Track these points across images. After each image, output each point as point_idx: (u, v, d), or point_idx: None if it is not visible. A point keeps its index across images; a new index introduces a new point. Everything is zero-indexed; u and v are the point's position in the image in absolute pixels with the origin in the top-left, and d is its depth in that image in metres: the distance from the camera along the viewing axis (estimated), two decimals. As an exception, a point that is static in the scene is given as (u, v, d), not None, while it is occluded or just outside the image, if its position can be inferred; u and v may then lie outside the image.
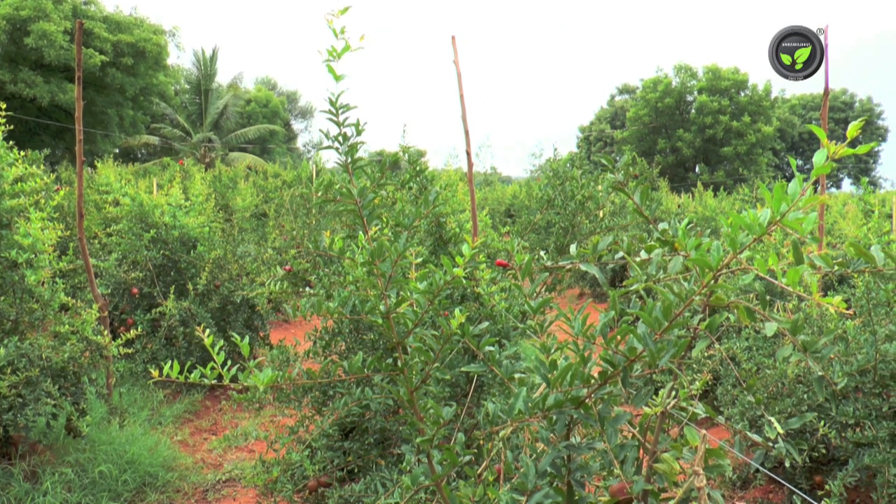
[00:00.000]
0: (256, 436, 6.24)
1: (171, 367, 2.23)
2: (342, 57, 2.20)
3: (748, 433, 1.89)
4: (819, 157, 1.29)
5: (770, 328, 1.78)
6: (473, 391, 3.32)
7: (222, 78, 58.76)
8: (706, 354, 4.54)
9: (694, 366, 4.34)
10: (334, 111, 2.21)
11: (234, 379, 2.26)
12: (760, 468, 1.89)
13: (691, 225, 1.84)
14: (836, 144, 1.25)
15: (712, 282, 1.73)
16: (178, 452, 5.78)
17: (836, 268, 1.89)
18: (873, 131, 59.06)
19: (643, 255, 1.85)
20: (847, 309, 1.31)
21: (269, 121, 47.48)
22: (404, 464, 2.21)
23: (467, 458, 1.88)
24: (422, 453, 1.94)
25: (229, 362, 2.25)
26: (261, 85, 55.46)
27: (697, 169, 47.71)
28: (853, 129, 1.28)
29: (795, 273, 1.32)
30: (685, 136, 45.94)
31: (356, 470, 4.01)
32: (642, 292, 1.74)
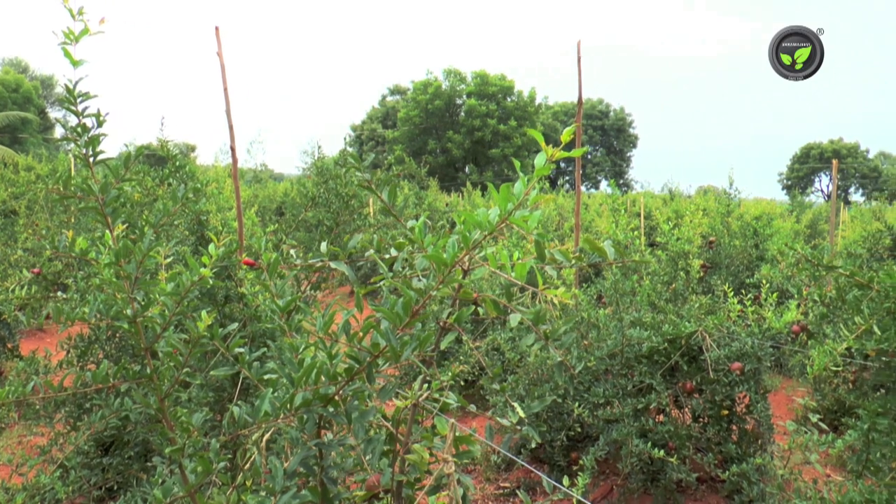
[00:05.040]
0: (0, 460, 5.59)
1: None
2: (80, 40, 2.03)
3: (498, 419, 2.02)
4: (539, 160, 1.41)
5: (514, 319, 1.91)
6: (239, 394, 3.23)
7: (-40, 57, 51.88)
8: (473, 346, 4.76)
9: (461, 357, 4.54)
10: (72, 99, 2.03)
11: (-42, 397, 2.02)
12: (507, 453, 2.02)
13: (440, 223, 1.92)
14: (552, 147, 1.38)
15: (461, 276, 1.82)
16: None
17: (574, 262, 2.07)
18: (626, 139, 65.35)
19: (394, 252, 1.90)
20: (573, 300, 1.43)
21: (21, 107, 42.77)
22: (155, 476, 2.10)
23: (222, 464, 1.82)
24: (174, 463, 1.84)
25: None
26: (9, 67, 49.71)
27: (467, 169, 49.85)
28: (566, 134, 1.41)
29: (522, 267, 1.43)
30: (455, 138, 47.85)
31: (116, 487, 3.75)
32: (385, 290, 1.79)
